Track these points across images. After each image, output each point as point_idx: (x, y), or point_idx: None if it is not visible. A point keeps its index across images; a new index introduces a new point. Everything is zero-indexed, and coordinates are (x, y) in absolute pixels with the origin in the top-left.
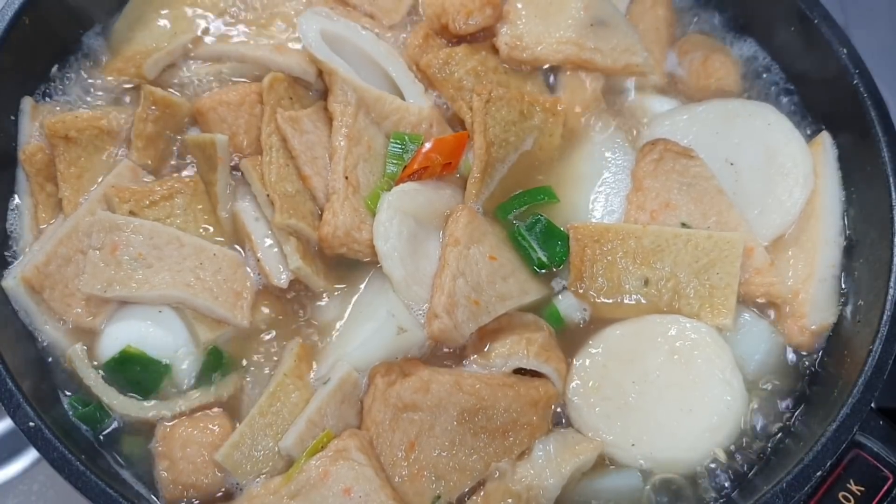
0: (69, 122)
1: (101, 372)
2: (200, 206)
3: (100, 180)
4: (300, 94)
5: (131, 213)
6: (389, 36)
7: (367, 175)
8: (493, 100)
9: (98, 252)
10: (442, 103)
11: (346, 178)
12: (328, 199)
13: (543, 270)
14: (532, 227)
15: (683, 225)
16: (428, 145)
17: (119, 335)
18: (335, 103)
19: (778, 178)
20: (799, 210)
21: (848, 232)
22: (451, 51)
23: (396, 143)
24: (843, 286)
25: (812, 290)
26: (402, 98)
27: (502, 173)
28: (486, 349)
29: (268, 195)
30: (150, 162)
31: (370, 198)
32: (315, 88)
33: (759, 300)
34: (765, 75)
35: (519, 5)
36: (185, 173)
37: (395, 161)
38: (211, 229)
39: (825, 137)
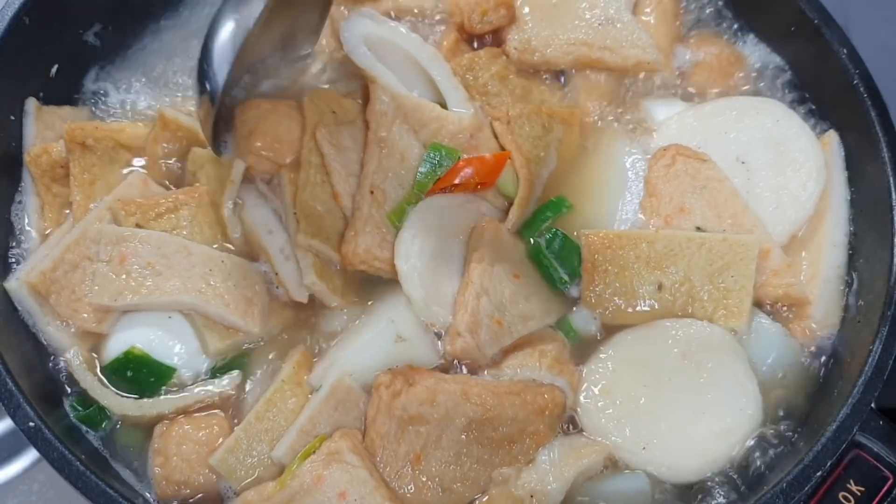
0: (88, 130)
1: (99, 375)
2: (206, 219)
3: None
4: (346, 106)
5: (137, 226)
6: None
7: (396, 188)
8: (514, 119)
9: (106, 265)
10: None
11: (372, 192)
12: (352, 214)
13: (567, 287)
14: (551, 242)
15: (698, 229)
16: (468, 170)
17: (126, 339)
18: (372, 112)
19: (790, 172)
20: (814, 203)
21: (849, 232)
22: (475, 55)
23: (432, 156)
24: (844, 286)
25: (817, 290)
26: (445, 104)
27: (539, 193)
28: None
29: (294, 213)
30: (161, 178)
31: (394, 212)
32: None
33: (772, 302)
34: (765, 74)
35: (525, 10)
36: (191, 186)
37: (427, 174)
38: (218, 240)
39: (832, 137)
